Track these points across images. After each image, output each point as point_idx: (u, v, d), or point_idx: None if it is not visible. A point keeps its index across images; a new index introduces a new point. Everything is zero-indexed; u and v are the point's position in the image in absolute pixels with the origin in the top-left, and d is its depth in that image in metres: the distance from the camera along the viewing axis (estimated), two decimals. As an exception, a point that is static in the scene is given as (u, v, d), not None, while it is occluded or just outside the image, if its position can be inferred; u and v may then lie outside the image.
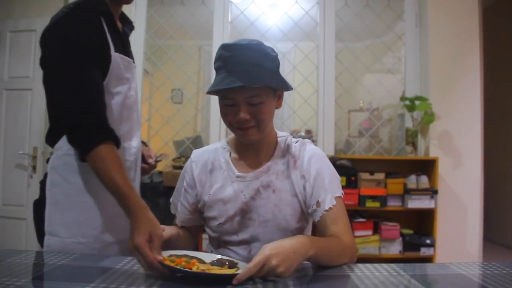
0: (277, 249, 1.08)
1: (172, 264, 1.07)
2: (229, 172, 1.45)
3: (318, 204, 1.36)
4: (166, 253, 1.17)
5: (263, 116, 1.34)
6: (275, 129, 1.51)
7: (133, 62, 1.65)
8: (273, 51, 1.37)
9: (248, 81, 1.26)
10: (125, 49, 1.58)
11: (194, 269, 1.06)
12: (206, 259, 1.18)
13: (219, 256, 1.23)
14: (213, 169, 1.47)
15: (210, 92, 1.34)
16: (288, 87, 1.38)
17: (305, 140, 1.51)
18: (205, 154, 1.51)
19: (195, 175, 1.48)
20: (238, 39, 1.37)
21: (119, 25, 1.62)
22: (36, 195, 1.62)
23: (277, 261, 1.05)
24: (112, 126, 1.40)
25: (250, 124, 1.34)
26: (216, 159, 1.49)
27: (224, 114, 1.36)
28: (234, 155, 1.49)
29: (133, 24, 1.72)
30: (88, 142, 1.33)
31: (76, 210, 1.47)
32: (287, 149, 1.47)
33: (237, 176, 1.43)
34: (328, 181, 1.40)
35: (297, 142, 1.49)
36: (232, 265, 1.16)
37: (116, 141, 1.38)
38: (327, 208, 1.35)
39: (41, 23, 3.67)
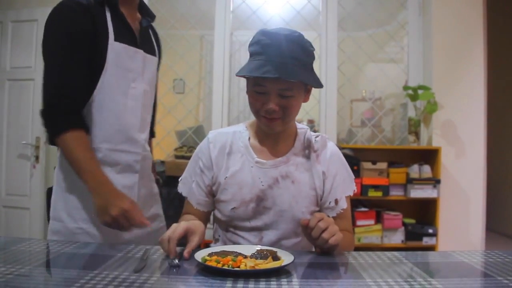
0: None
1: (219, 265, 1.06)
2: (247, 157, 1.45)
3: (336, 201, 1.45)
4: (204, 252, 1.16)
5: (291, 109, 1.36)
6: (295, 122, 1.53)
7: (155, 55, 1.68)
8: (311, 45, 1.38)
9: (285, 74, 1.26)
10: (133, 39, 1.57)
11: (242, 266, 1.06)
12: (246, 252, 1.17)
13: (258, 247, 1.22)
14: (230, 152, 1.47)
15: (241, 76, 1.35)
16: (320, 84, 1.38)
17: (324, 136, 1.54)
18: (223, 136, 1.50)
19: (213, 157, 1.47)
20: (277, 27, 1.37)
21: (138, 16, 1.63)
22: (38, 184, 1.64)
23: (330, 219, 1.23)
24: (107, 114, 1.47)
25: (277, 115, 1.35)
26: (234, 142, 1.48)
27: (252, 101, 1.37)
28: (253, 140, 1.49)
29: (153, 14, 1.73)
30: (56, 127, 1.42)
31: (77, 196, 1.49)
32: (308, 143, 1.49)
33: (256, 162, 1.43)
34: (346, 180, 1.50)
35: (317, 136, 1.51)
36: (274, 255, 1.15)
37: (85, 129, 1.44)
38: (344, 207, 1.46)
39: (43, 13, 3.66)
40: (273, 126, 1.38)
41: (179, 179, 1.57)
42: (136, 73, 1.56)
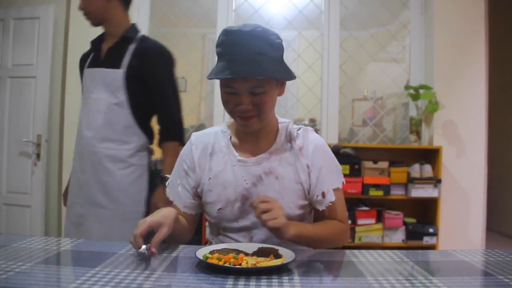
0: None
1: (220, 263, 1.06)
2: (229, 156, 1.43)
3: (323, 194, 1.42)
4: (206, 250, 1.16)
5: (264, 106, 1.33)
6: (277, 116, 1.50)
7: (117, 67, 2.06)
8: (278, 37, 1.34)
9: (251, 72, 1.24)
10: (97, 62, 2.13)
11: (244, 264, 1.06)
12: (248, 250, 1.18)
13: (259, 245, 1.21)
14: (213, 153, 1.45)
15: (211, 79, 1.33)
16: (291, 77, 1.35)
17: (307, 127, 1.51)
18: (205, 137, 1.49)
19: (195, 158, 1.45)
20: (241, 24, 1.32)
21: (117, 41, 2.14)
22: (39, 182, 1.77)
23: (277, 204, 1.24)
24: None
25: (251, 114, 1.33)
26: (216, 142, 1.47)
27: (225, 102, 1.36)
28: (234, 139, 1.47)
29: (126, 36, 2.16)
30: None
31: None
32: (290, 136, 1.46)
33: (238, 160, 1.42)
34: (332, 172, 1.46)
35: (299, 129, 1.48)
36: (275, 252, 1.15)
37: None
38: (332, 200, 1.42)
39: (44, 10, 3.67)
40: (250, 125, 1.36)
41: (166, 183, 1.55)
42: (92, 86, 2.10)
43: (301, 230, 1.30)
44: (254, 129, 1.38)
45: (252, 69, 1.24)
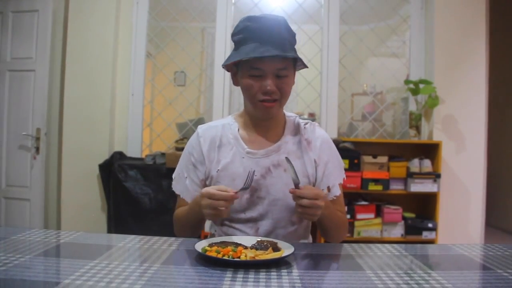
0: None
1: (219, 255, 1.06)
2: (238, 148, 1.44)
3: (328, 189, 1.45)
4: (205, 243, 1.16)
5: (287, 90, 1.37)
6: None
7: None
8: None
9: (283, 51, 1.29)
10: None
11: (243, 257, 1.06)
12: (246, 243, 1.18)
13: (258, 238, 1.22)
14: (221, 145, 1.46)
15: (235, 62, 1.36)
16: (306, 65, 1.45)
17: (314, 122, 1.53)
18: (212, 130, 1.50)
19: (204, 151, 1.46)
20: (260, 13, 1.40)
21: None
22: (39, 175, 1.69)
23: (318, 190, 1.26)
24: None
25: (275, 97, 1.35)
26: (224, 135, 1.48)
27: (249, 86, 1.36)
28: (242, 131, 1.48)
29: None
30: None
31: None
32: (298, 130, 1.49)
33: (247, 152, 1.43)
34: (337, 168, 1.50)
35: (306, 123, 1.51)
36: (274, 246, 1.15)
37: None
38: (337, 194, 1.46)
39: (43, 3, 3.65)
40: (271, 111, 1.38)
41: (173, 177, 1.55)
42: None
43: (328, 206, 1.34)
44: (272, 115, 1.42)
45: (283, 49, 1.31)
